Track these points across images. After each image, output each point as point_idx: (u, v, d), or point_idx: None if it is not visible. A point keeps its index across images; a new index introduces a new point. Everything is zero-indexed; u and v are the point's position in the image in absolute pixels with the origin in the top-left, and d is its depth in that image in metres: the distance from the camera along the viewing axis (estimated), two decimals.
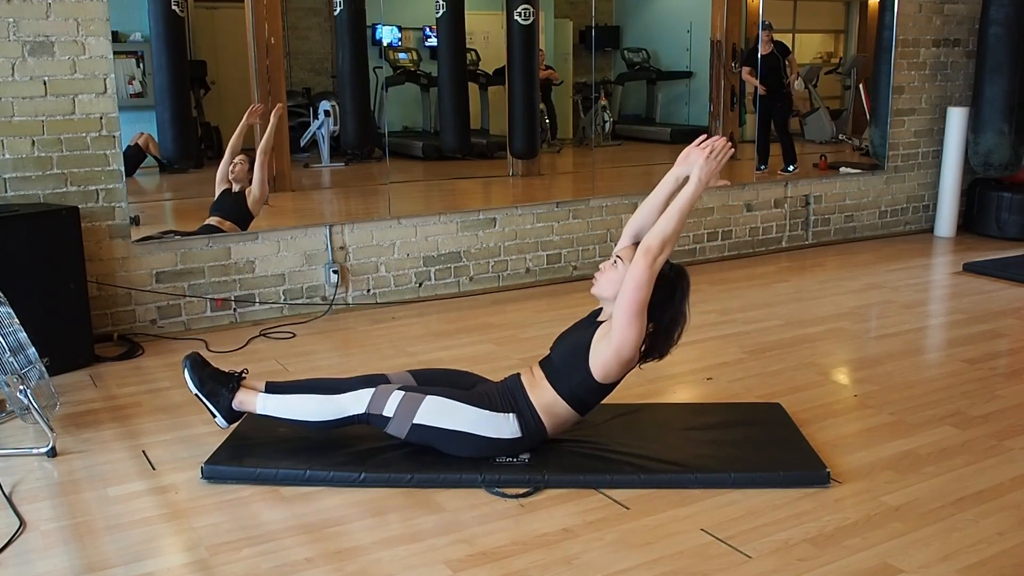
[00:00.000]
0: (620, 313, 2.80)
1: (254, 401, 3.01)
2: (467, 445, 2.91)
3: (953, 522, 2.64)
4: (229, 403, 3.02)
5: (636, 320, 2.80)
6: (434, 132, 7.17)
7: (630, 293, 2.77)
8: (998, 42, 6.56)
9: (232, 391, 3.02)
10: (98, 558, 2.49)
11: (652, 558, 2.46)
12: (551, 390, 2.93)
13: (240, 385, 3.04)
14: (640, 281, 2.76)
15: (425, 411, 2.88)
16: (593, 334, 2.92)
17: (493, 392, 2.99)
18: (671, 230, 2.79)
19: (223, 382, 3.04)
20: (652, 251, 2.76)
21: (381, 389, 2.94)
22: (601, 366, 2.86)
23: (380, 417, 2.91)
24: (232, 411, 3.03)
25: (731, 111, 7.54)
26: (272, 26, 5.28)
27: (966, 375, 3.90)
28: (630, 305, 2.78)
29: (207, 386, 3.02)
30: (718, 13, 7.42)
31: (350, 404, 2.94)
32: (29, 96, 4.15)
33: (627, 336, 2.80)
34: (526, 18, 5.67)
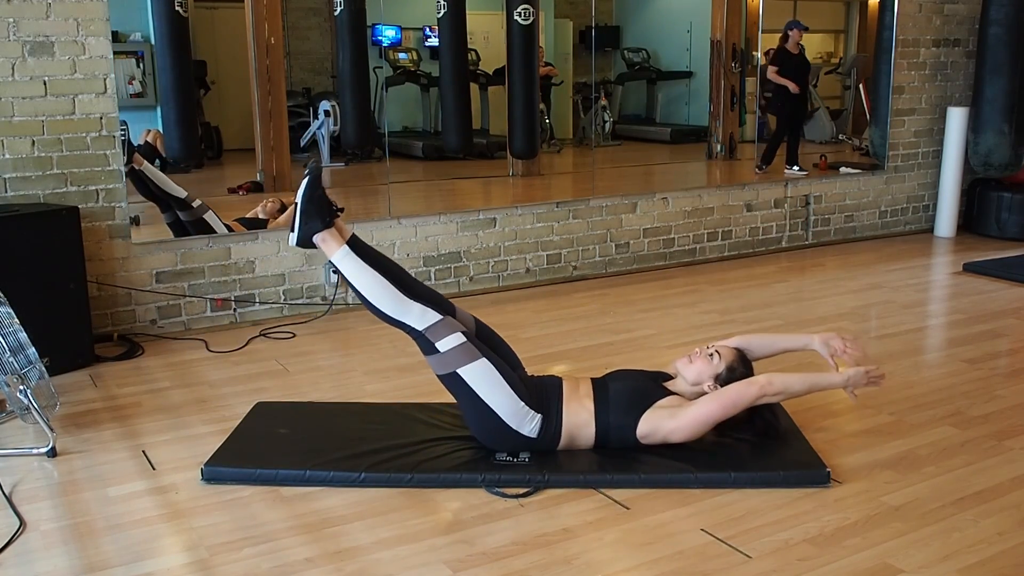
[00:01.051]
0: (697, 413, 2.92)
1: (336, 250, 2.97)
2: (487, 422, 2.93)
3: (953, 522, 2.64)
4: (314, 232, 2.97)
5: (705, 428, 2.96)
6: (434, 132, 7.18)
7: (719, 406, 2.92)
8: (998, 42, 6.57)
9: (325, 226, 2.97)
10: (98, 558, 2.49)
11: (652, 558, 2.46)
12: (591, 413, 2.96)
13: (333, 224, 3.00)
14: (738, 403, 2.93)
15: (473, 369, 2.89)
16: (660, 398, 3.00)
17: (532, 386, 3.01)
18: (793, 392, 2.98)
19: (324, 213, 2.97)
20: (769, 391, 2.93)
21: (447, 322, 2.94)
22: (648, 429, 2.95)
23: (431, 345, 2.92)
24: (311, 241, 2.99)
25: (731, 111, 7.55)
26: (272, 26, 5.28)
27: (966, 375, 3.90)
28: (711, 415, 2.92)
29: (311, 205, 2.96)
30: (718, 13, 7.42)
31: (414, 314, 2.93)
32: (29, 96, 4.15)
33: (687, 432, 2.95)
34: (526, 18, 5.67)
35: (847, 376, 3.00)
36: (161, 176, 4.77)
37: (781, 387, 2.93)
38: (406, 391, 3.73)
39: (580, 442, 2.99)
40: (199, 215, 4.78)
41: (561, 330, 4.66)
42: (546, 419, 2.94)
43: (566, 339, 4.50)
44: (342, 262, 2.98)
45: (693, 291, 5.36)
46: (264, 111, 5.24)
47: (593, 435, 2.97)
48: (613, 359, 4.09)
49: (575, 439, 2.98)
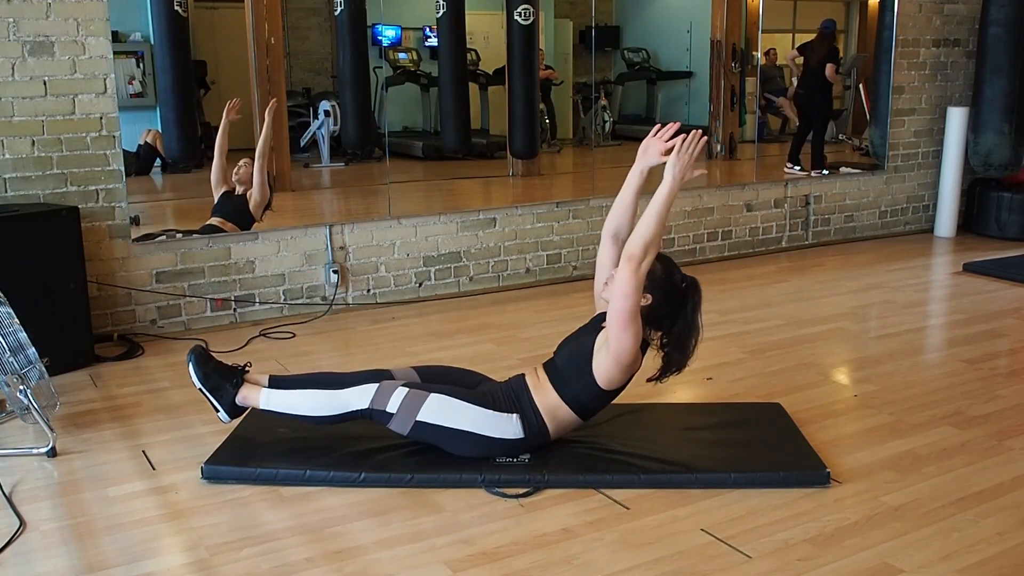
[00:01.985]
0: (613, 322, 2.79)
1: (258, 397, 3.00)
2: (470, 444, 2.91)
3: (953, 522, 2.64)
4: (233, 398, 3.01)
5: (629, 327, 2.77)
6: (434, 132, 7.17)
7: (619, 301, 2.75)
8: (998, 42, 6.56)
9: (236, 386, 3.01)
10: (98, 558, 2.49)
11: (652, 558, 2.46)
12: (555, 394, 2.93)
13: (244, 380, 3.04)
14: (627, 288, 2.72)
15: (429, 409, 2.88)
16: (595, 340, 2.92)
17: (497, 392, 2.99)
18: (652, 233, 2.72)
19: (227, 377, 3.02)
20: (635, 257, 2.71)
21: (385, 385, 2.94)
22: (604, 373, 2.86)
23: (384, 413, 2.91)
24: (235, 406, 3.02)
25: (731, 111, 7.55)
26: (272, 26, 5.28)
27: (966, 375, 3.90)
28: (620, 313, 2.76)
29: (211, 381, 3.01)
30: (718, 13, 7.42)
31: (354, 399, 2.93)
32: (29, 96, 4.15)
33: (624, 343, 2.79)
34: (526, 18, 5.67)
35: (671, 174, 2.76)
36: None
37: (638, 244, 2.71)
38: None
39: (567, 423, 2.97)
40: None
41: (561, 330, 4.63)
42: (523, 416, 2.92)
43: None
44: (269, 402, 2.99)
45: None
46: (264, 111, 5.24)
47: (571, 411, 2.94)
48: None
49: (561, 423, 2.96)
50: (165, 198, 5.48)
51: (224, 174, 4.93)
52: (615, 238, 3.04)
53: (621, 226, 3.03)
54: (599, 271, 3.09)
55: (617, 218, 3.05)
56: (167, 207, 5.43)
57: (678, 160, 2.79)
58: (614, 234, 3.05)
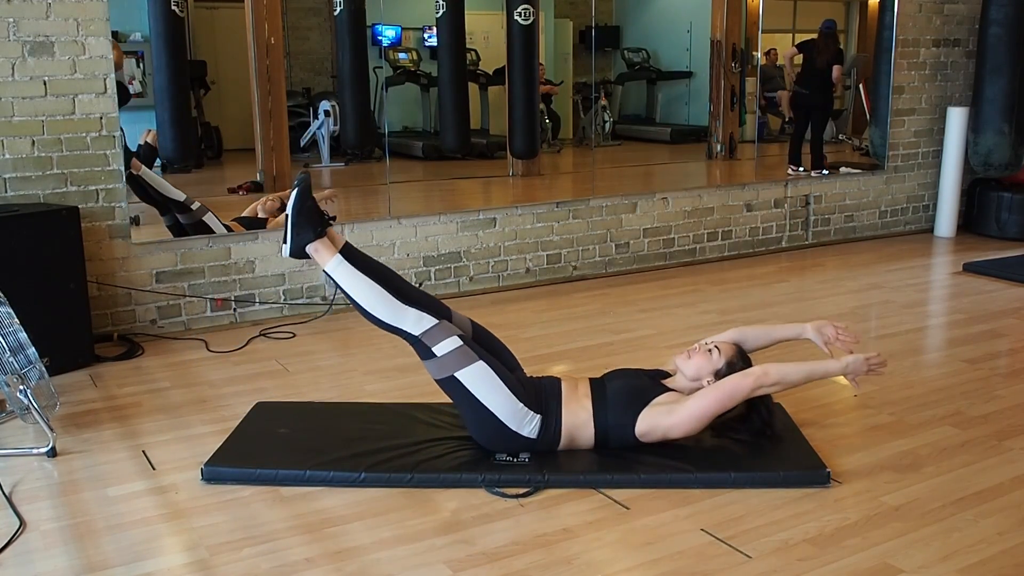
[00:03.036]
0: (695, 407, 2.90)
1: (329, 258, 2.97)
2: (486, 425, 2.92)
3: (953, 522, 2.64)
4: (308, 242, 2.97)
5: (703, 423, 2.93)
6: (434, 132, 7.18)
7: (716, 399, 2.90)
8: (998, 42, 6.56)
9: (318, 236, 2.97)
10: (98, 558, 2.49)
11: (652, 558, 2.46)
12: (589, 413, 2.96)
13: (325, 233, 3.00)
14: (735, 395, 2.91)
15: (470, 372, 2.89)
16: (658, 395, 2.99)
17: (530, 387, 3.00)
18: (790, 382, 2.96)
19: (315, 223, 2.97)
20: (765, 382, 2.92)
21: (443, 326, 2.94)
22: (647, 427, 2.93)
23: (428, 349, 2.92)
24: (303, 251, 2.99)
25: (731, 111, 7.55)
26: (272, 26, 5.28)
27: (966, 375, 3.90)
28: (708, 408, 2.89)
29: (301, 216, 2.96)
30: (718, 13, 7.42)
31: (410, 319, 2.93)
32: (29, 96, 4.15)
33: (685, 428, 2.93)
34: (526, 18, 5.67)
35: (846, 363, 2.99)
36: (159, 180, 4.77)
37: (777, 377, 2.92)
38: (406, 391, 3.73)
39: (580, 442, 2.99)
40: (198, 217, 4.77)
41: (561, 330, 4.66)
42: (545, 420, 2.94)
43: (566, 339, 4.50)
44: (335, 271, 2.98)
45: (693, 291, 5.36)
46: (264, 111, 5.25)
47: (592, 435, 2.97)
48: (613, 359, 4.09)
49: (575, 439, 2.98)
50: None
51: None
52: (737, 341, 3.22)
53: (749, 345, 3.24)
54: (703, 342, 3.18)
55: (753, 338, 3.27)
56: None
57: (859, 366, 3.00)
58: (740, 339, 3.24)
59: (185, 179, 5.43)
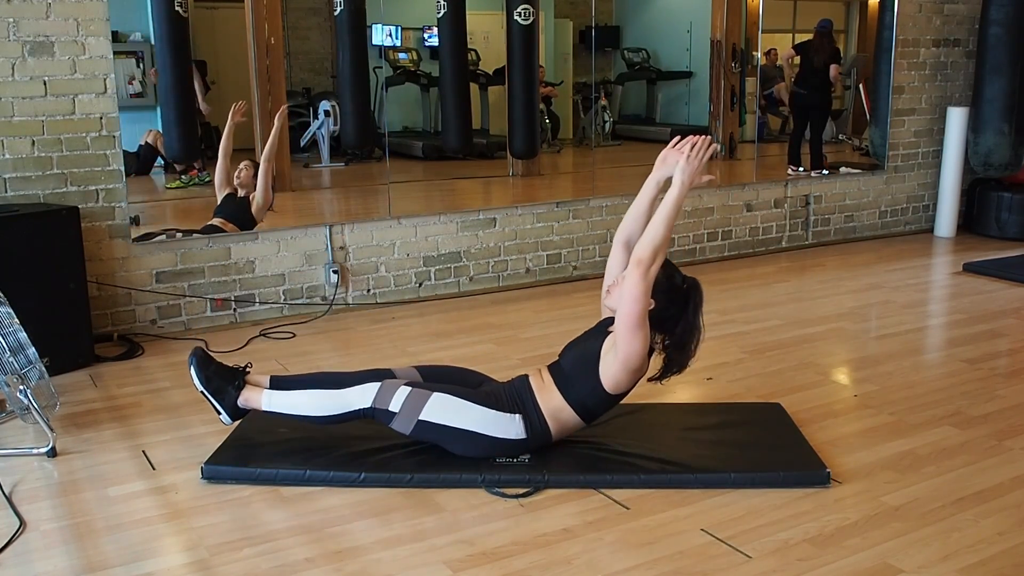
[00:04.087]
0: (621, 326, 2.79)
1: (259, 398, 3.00)
2: (472, 444, 2.91)
3: (953, 522, 2.64)
4: (235, 401, 3.00)
5: (638, 331, 2.77)
6: (434, 132, 7.17)
7: (628, 306, 2.75)
8: (998, 42, 6.56)
9: (238, 389, 3.01)
10: (98, 558, 2.49)
11: (652, 558, 2.46)
12: (559, 396, 2.93)
13: (245, 382, 3.03)
14: (636, 293, 2.73)
15: (431, 408, 2.88)
16: (602, 344, 2.92)
17: (500, 392, 2.99)
18: (660, 237, 2.75)
19: (229, 379, 3.02)
20: (644, 262, 2.73)
21: (387, 384, 2.94)
22: (611, 377, 2.87)
23: (386, 412, 2.90)
24: (237, 408, 3.02)
25: (731, 111, 7.55)
26: (272, 26, 5.28)
27: (966, 375, 3.90)
28: (629, 317, 2.76)
29: (213, 383, 3.01)
30: (718, 13, 7.42)
31: (356, 398, 2.93)
32: (29, 96, 4.15)
33: (632, 348, 2.79)
34: (526, 18, 5.67)
35: (679, 179, 2.80)
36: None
37: (647, 244, 2.74)
38: None
39: (570, 425, 2.97)
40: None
41: (561, 330, 4.66)
42: (527, 417, 2.92)
43: (566, 339, 4.45)
44: (271, 404, 2.99)
45: None
46: (264, 111, 5.24)
47: (575, 414, 2.94)
48: None
49: (564, 425, 2.96)
50: (166, 198, 5.48)
51: (228, 176, 4.93)
52: (626, 245, 3.04)
53: (633, 233, 3.02)
54: (607, 276, 3.09)
55: (630, 225, 3.07)
56: (167, 207, 5.43)
57: (687, 165, 2.82)
58: (626, 241, 3.05)
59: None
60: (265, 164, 4.96)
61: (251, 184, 4.90)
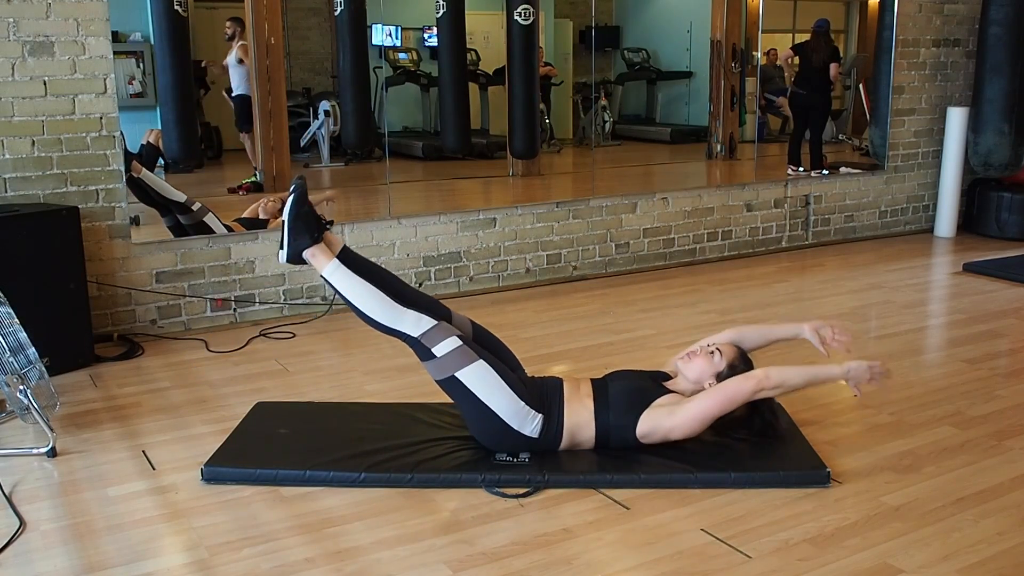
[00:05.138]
0: (695, 409, 2.91)
1: (326, 263, 2.97)
2: (488, 424, 2.92)
3: (953, 522, 2.64)
4: (304, 248, 2.97)
5: (703, 425, 2.93)
6: (434, 132, 7.18)
7: (717, 401, 2.90)
8: (998, 42, 6.56)
9: (315, 241, 2.97)
10: (98, 558, 2.49)
11: (652, 558, 2.46)
12: (591, 413, 2.96)
13: (322, 238, 3.00)
14: (736, 397, 2.91)
15: (470, 371, 2.89)
16: (660, 396, 2.99)
17: (533, 386, 3.01)
18: (792, 386, 2.95)
19: (312, 228, 2.97)
20: (767, 385, 2.91)
21: (442, 326, 2.94)
22: (648, 428, 2.94)
23: (428, 351, 2.92)
24: (300, 257, 2.98)
25: (731, 111, 7.55)
26: (272, 26, 5.28)
27: (966, 375, 3.90)
28: (709, 410, 2.90)
29: (298, 221, 2.95)
30: (718, 13, 7.42)
31: (409, 321, 2.93)
32: (29, 96, 4.15)
33: (686, 429, 2.93)
34: (526, 18, 5.66)
35: (847, 368, 2.98)
36: (160, 182, 4.77)
37: (779, 380, 2.92)
38: (406, 391, 3.73)
39: (581, 442, 2.99)
40: (199, 218, 4.78)
41: (561, 330, 4.66)
42: (547, 419, 2.94)
43: (566, 339, 4.50)
44: (332, 275, 2.97)
45: (693, 291, 5.36)
46: (264, 111, 5.24)
47: (593, 435, 2.97)
48: (613, 359, 4.09)
49: (576, 439, 2.98)
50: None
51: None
52: (736, 340, 3.23)
53: (748, 344, 3.25)
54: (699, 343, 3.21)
55: (751, 338, 3.28)
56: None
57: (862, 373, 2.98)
58: (737, 341, 3.23)
59: (185, 179, 5.43)
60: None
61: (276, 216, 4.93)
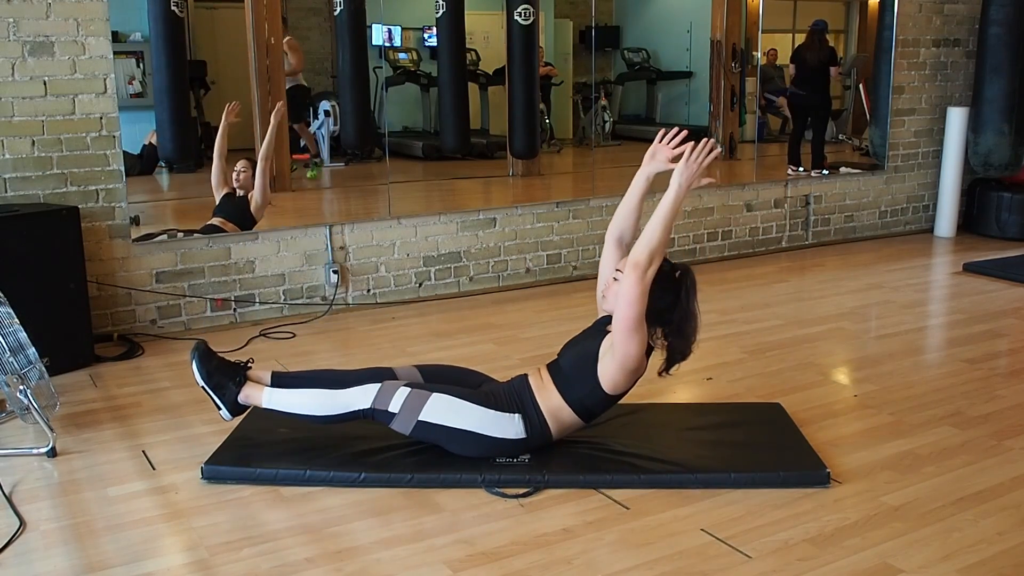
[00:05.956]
0: (618, 329, 2.79)
1: (260, 395, 2.99)
2: (471, 444, 2.91)
3: (953, 522, 2.64)
4: (235, 397, 3.00)
5: (635, 334, 2.77)
6: (434, 132, 7.17)
7: (624, 309, 2.75)
8: (998, 42, 6.56)
9: (239, 385, 3.00)
10: (98, 558, 2.49)
11: (652, 558, 2.46)
12: (558, 396, 2.93)
13: (247, 378, 3.02)
14: (632, 296, 2.72)
15: (431, 409, 2.88)
16: (600, 344, 2.91)
17: (499, 392, 2.99)
18: (657, 241, 2.73)
19: (230, 375, 3.01)
20: (641, 265, 2.72)
21: (387, 384, 2.94)
22: (609, 378, 2.86)
23: (386, 413, 2.90)
24: (238, 405, 3.01)
25: (731, 111, 7.55)
26: (272, 26, 5.28)
27: (966, 375, 3.90)
28: (626, 321, 2.76)
29: (214, 379, 3.00)
30: (718, 13, 7.42)
31: (356, 399, 2.93)
32: (29, 96, 4.15)
33: (629, 350, 2.79)
34: (526, 18, 5.66)
35: (678, 179, 2.77)
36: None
37: (644, 246, 2.72)
38: None
39: (569, 425, 2.97)
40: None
41: (561, 330, 4.65)
42: (526, 416, 2.92)
43: (566, 339, 4.47)
44: (271, 402, 2.98)
45: None
46: (264, 111, 5.24)
47: (574, 413, 2.94)
48: None
49: (563, 424, 2.96)
50: (168, 198, 5.48)
51: (224, 176, 4.93)
52: (619, 242, 3.06)
53: (625, 230, 3.05)
54: (601, 275, 3.09)
55: (621, 222, 3.07)
56: (169, 207, 5.44)
57: (686, 168, 2.80)
58: (618, 238, 3.06)
59: (187, 179, 5.43)
60: (262, 163, 4.95)
61: (250, 184, 4.89)
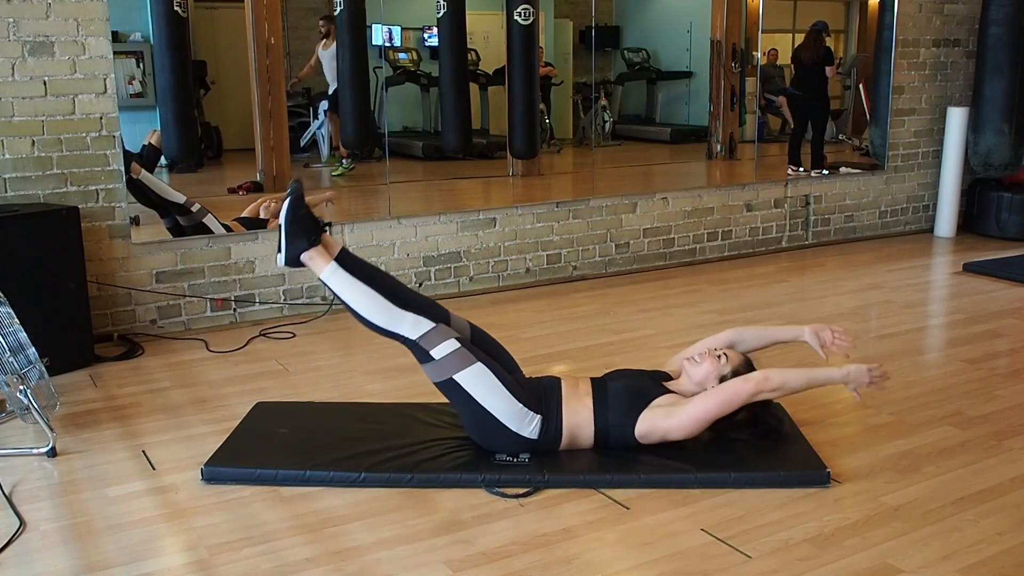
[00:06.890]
0: (694, 410, 2.90)
1: (323, 266, 2.95)
2: (486, 426, 2.92)
3: (953, 522, 2.64)
4: (302, 251, 2.95)
5: (702, 426, 2.93)
6: (434, 132, 7.18)
7: (716, 403, 2.89)
8: (998, 42, 6.56)
9: (312, 244, 2.96)
10: (98, 558, 2.49)
11: (652, 558, 2.46)
12: (589, 412, 2.96)
13: (319, 241, 2.98)
14: (734, 400, 2.90)
15: (469, 374, 2.89)
16: (659, 396, 2.98)
17: (530, 387, 3.00)
18: (791, 388, 2.95)
19: (308, 232, 2.95)
20: (766, 387, 2.91)
21: (440, 329, 2.94)
22: (647, 428, 2.93)
23: (426, 353, 2.92)
24: (299, 260, 2.97)
25: (731, 111, 7.55)
26: (272, 26, 5.28)
27: (966, 375, 3.90)
28: (708, 411, 2.89)
29: (293, 226, 2.94)
30: (718, 13, 7.42)
31: (407, 324, 2.93)
32: (29, 96, 4.15)
33: (684, 431, 2.93)
34: (526, 18, 5.66)
35: (847, 371, 2.99)
36: (159, 183, 4.77)
37: (778, 382, 2.92)
38: (406, 391, 3.73)
39: (580, 442, 2.99)
40: (199, 219, 4.77)
41: (561, 330, 4.66)
42: (546, 420, 2.94)
43: (566, 339, 4.50)
44: (331, 279, 2.96)
45: (693, 291, 5.36)
46: (264, 111, 5.24)
47: (592, 434, 2.97)
48: (613, 359, 4.09)
49: (575, 439, 2.98)
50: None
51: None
52: (733, 344, 3.24)
53: (747, 346, 3.26)
54: (698, 345, 3.23)
55: (749, 340, 3.28)
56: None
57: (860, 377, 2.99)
58: (736, 342, 3.25)
59: (186, 179, 5.43)
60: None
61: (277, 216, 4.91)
